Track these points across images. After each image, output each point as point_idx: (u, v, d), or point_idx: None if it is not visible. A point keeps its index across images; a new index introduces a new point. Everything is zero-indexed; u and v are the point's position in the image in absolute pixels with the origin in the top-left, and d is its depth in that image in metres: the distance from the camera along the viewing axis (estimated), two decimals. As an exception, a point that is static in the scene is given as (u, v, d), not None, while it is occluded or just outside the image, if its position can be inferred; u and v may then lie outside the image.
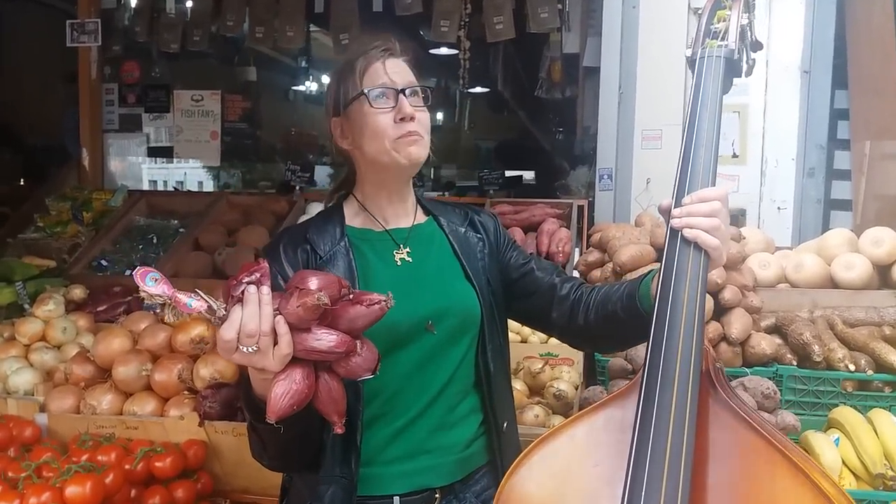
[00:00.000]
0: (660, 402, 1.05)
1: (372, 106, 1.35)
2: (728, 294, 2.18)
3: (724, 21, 1.32)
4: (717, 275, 2.17)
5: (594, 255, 2.61)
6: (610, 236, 2.54)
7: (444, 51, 6.38)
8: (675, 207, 1.18)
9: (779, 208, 3.07)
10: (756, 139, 3.06)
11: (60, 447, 2.01)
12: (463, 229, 1.52)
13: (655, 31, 3.10)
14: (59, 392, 2.17)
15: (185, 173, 6.24)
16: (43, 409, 2.14)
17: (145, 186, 5.06)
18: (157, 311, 2.47)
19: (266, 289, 1.07)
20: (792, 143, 3.05)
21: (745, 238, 2.55)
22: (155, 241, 3.30)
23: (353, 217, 1.48)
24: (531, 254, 1.60)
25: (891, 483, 1.77)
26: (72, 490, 1.69)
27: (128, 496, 1.85)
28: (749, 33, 1.36)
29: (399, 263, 1.42)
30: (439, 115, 9.05)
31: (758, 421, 1.06)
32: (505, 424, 1.47)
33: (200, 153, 4.26)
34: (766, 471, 1.01)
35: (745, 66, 1.35)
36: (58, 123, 5.01)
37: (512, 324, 1.63)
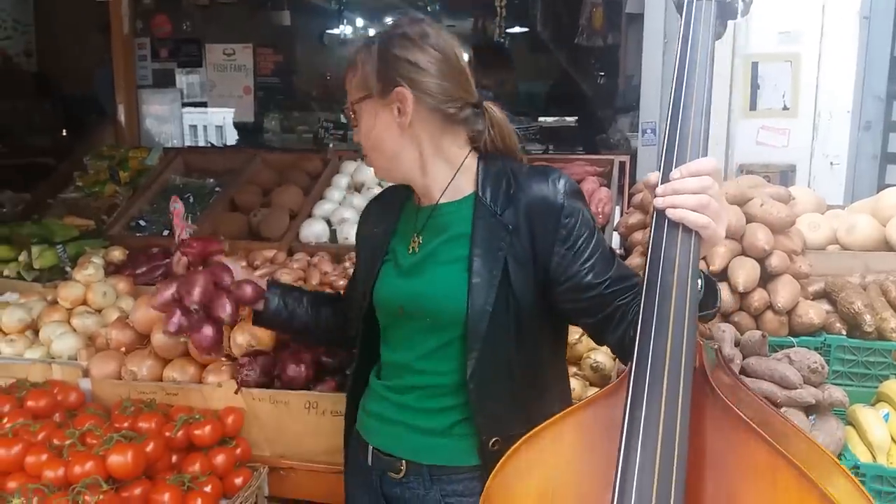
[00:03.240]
0: (648, 404, 0.98)
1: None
2: (775, 260, 2.09)
3: None
4: (764, 240, 2.08)
5: (635, 217, 2.52)
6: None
7: (481, -10, 6.21)
8: (661, 184, 1.06)
9: (831, 164, 2.93)
10: (809, 90, 2.90)
11: (104, 412, 2.05)
12: (499, 211, 1.36)
13: (704, -25, 2.93)
14: (102, 357, 2.20)
15: (224, 118, 6.26)
16: (86, 374, 2.18)
17: (186, 131, 5.05)
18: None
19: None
20: (848, 94, 2.88)
21: (794, 198, 2.44)
22: (191, 200, 3.31)
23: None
24: (614, 265, 1.34)
25: (942, 462, 1.71)
26: (114, 459, 1.72)
27: (168, 463, 1.88)
28: None
29: (410, 253, 1.46)
30: (477, 57, 8.81)
31: (761, 416, 0.99)
32: (494, 442, 1.36)
33: (234, 108, 4.22)
34: (767, 477, 0.94)
35: (740, 5, 1.16)
36: (94, 74, 5.02)
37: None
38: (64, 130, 5.69)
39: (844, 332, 2.07)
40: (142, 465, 1.75)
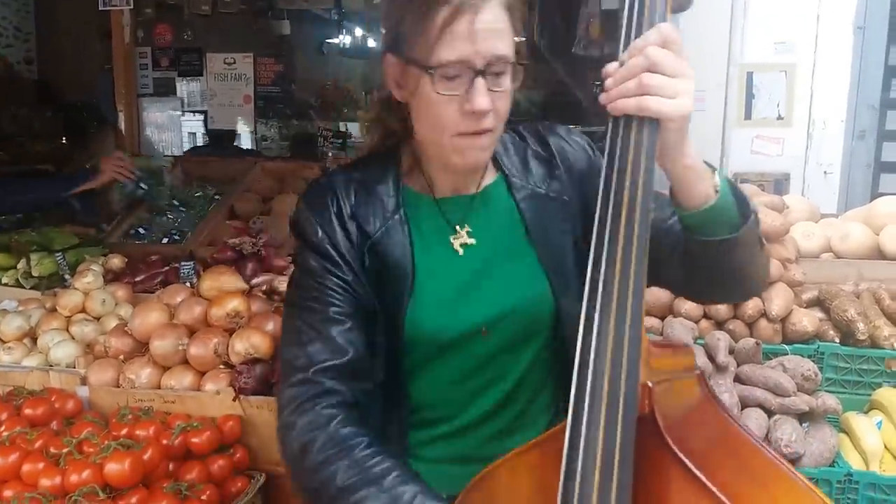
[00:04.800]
0: (585, 454, 0.82)
1: (436, 91, 1.01)
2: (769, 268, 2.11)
3: None
4: (758, 249, 2.10)
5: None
6: (647, 206, 2.47)
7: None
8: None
9: (825, 172, 2.95)
10: (803, 100, 2.93)
11: (101, 419, 2.05)
12: (543, 189, 1.18)
13: (699, -14, 2.96)
14: (100, 365, 2.21)
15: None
16: (84, 381, 2.19)
17: (185, 138, 5.09)
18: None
19: None
20: (842, 103, 2.92)
21: (788, 207, 2.46)
22: (191, 208, 3.33)
23: (408, 171, 1.17)
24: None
25: (934, 469, 1.72)
26: (111, 467, 1.72)
27: (166, 471, 1.89)
28: None
29: (461, 252, 1.15)
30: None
31: (739, 460, 0.85)
32: None
33: (234, 117, 4.25)
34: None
35: None
36: (95, 82, 5.06)
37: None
38: (64, 138, 5.72)
39: (838, 340, 2.09)
40: (139, 473, 1.76)
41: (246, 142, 5.79)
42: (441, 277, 1.13)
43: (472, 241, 1.15)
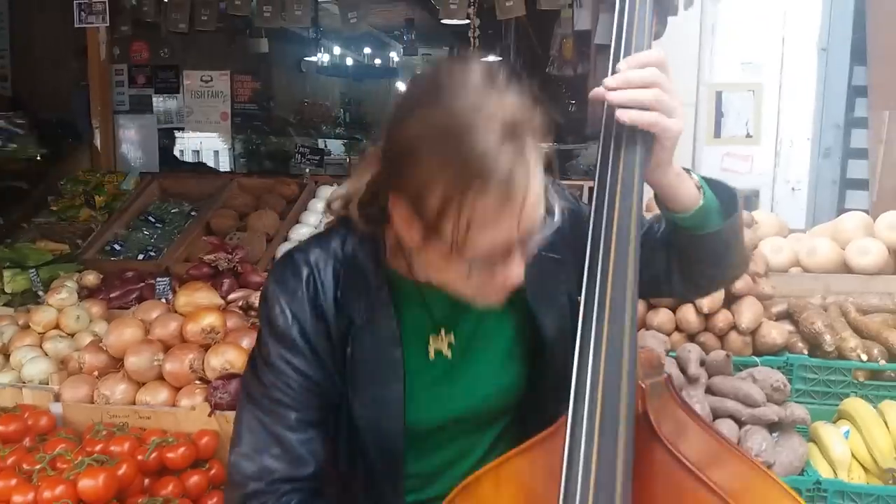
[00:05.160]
0: (586, 453, 0.85)
1: (470, 274, 0.91)
2: (739, 283, 2.16)
3: None
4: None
5: (604, 241, 2.59)
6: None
7: (456, 20, 6.33)
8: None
9: (793, 189, 3.03)
10: (771, 119, 3.01)
11: (75, 436, 2.03)
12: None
13: (669, 8, 3.04)
14: (74, 381, 2.20)
15: (201, 142, 6.28)
16: (57, 398, 2.17)
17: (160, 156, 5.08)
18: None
19: None
20: (808, 122, 3.00)
21: (757, 223, 2.52)
22: (167, 224, 3.32)
23: (392, 251, 1.03)
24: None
25: (900, 477, 1.76)
26: (85, 483, 1.72)
27: (141, 487, 1.87)
28: None
29: (433, 357, 1.06)
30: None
31: (714, 454, 0.89)
32: None
33: (211, 134, 4.25)
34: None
35: None
36: (70, 98, 5.02)
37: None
38: (39, 155, 5.66)
39: (806, 352, 2.14)
40: (113, 488, 1.74)
41: (223, 158, 5.79)
42: (413, 375, 1.04)
43: (448, 353, 1.07)
